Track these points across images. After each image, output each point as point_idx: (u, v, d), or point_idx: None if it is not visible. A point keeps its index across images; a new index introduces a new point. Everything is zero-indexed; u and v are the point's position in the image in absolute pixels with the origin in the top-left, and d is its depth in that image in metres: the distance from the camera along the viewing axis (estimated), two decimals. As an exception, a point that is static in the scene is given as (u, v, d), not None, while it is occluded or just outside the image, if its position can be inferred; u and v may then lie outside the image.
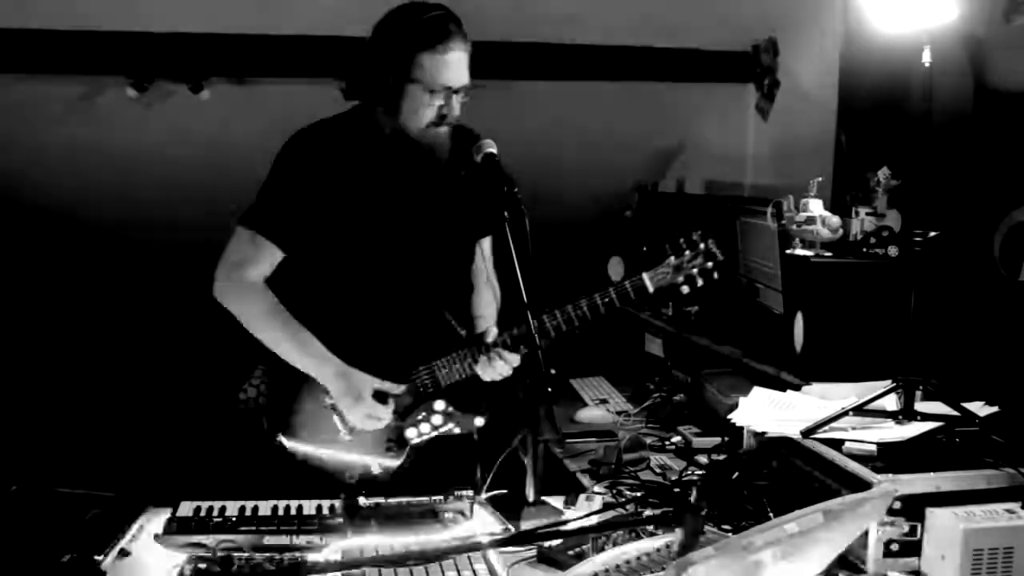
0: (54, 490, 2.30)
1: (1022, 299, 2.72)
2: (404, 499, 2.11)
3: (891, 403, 2.18)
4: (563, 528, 2.00)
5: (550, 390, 2.06)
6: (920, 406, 2.15)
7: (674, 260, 2.37)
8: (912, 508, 1.87)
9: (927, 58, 2.18)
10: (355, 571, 1.75)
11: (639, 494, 2.31)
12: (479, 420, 2.41)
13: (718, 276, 2.39)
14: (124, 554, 1.90)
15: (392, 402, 2.36)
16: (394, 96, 2.26)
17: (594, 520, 2.10)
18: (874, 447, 1.97)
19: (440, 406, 2.39)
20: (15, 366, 4.18)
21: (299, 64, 3.77)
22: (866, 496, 1.60)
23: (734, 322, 3.29)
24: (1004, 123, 2.88)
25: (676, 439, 2.81)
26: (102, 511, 2.10)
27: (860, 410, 2.14)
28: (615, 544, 1.86)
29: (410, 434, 2.39)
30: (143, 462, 3.87)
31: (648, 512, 2.20)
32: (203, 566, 1.81)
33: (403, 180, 2.37)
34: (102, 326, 4.39)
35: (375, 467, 2.37)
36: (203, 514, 2.03)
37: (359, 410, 2.32)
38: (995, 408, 2.19)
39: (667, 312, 3.72)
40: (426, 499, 2.11)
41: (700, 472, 2.50)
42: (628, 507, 2.21)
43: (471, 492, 2.14)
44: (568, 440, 2.84)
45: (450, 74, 2.23)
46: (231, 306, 2.32)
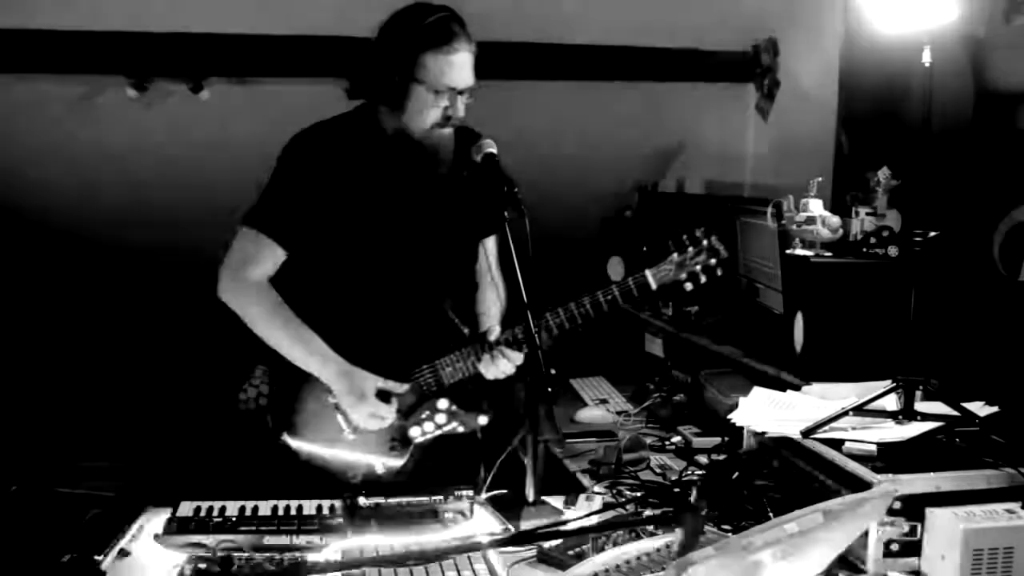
0: (54, 490, 2.31)
1: (1022, 299, 2.72)
2: (404, 499, 2.11)
3: (891, 403, 2.18)
4: (563, 528, 2.01)
5: (550, 390, 2.06)
6: (920, 406, 2.14)
7: (677, 257, 2.36)
8: (912, 508, 1.86)
9: (927, 58, 2.18)
10: (355, 571, 1.75)
11: (639, 494, 2.31)
12: (483, 418, 2.41)
13: (721, 272, 2.37)
14: (124, 554, 1.90)
15: (395, 401, 2.36)
16: (399, 96, 2.27)
17: (594, 520, 2.10)
18: (874, 447, 1.97)
19: (444, 405, 2.39)
20: (14, 365, 4.17)
21: (299, 64, 3.77)
22: (866, 496, 1.60)
23: (734, 322, 3.29)
24: (1004, 124, 2.88)
25: (676, 439, 2.81)
26: (102, 511, 2.10)
27: (860, 410, 2.14)
28: (615, 544, 1.87)
29: (414, 433, 2.39)
30: (143, 462, 3.87)
31: (648, 512, 2.20)
32: (203, 566, 1.81)
33: (405, 180, 2.37)
34: (102, 326, 4.39)
35: (379, 466, 2.37)
36: (203, 514, 2.03)
37: (362, 409, 2.32)
38: (995, 408, 2.18)
39: (667, 312, 3.72)
40: (426, 499, 2.11)
41: (700, 472, 2.50)
42: (628, 507, 2.21)
43: (471, 492, 2.14)
44: (568, 440, 2.84)
45: (455, 75, 2.24)
46: (235, 305, 2.33)
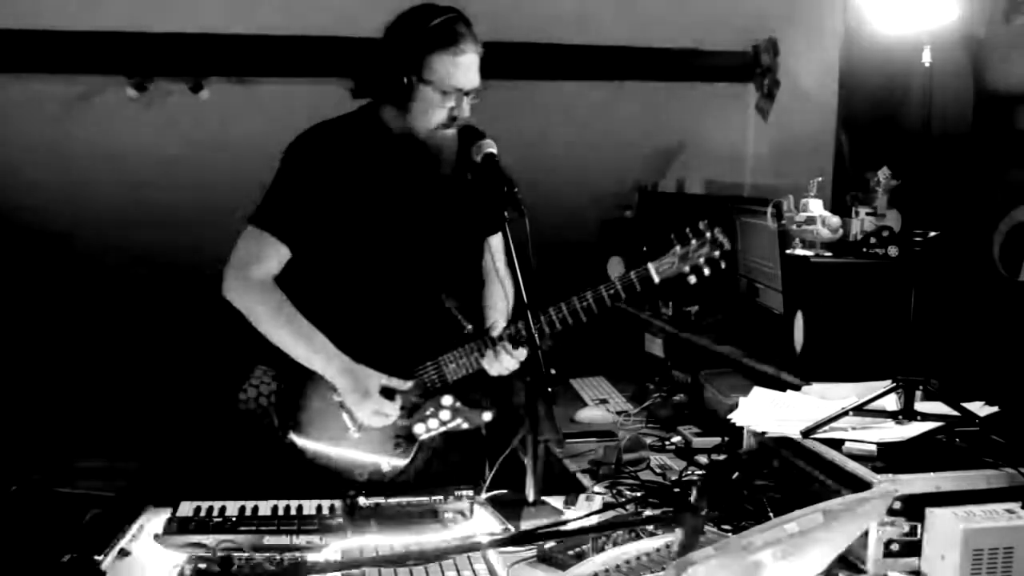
0: (54, 490, 2.31)
1: (1022, 299, 2.72)
2: (404, 499, 2.11)
3: (891, 403, 2.18)
4: (563, 528, 2.00)
5: (550, 390, 2.06)
6: (920, 406, 2.14)
7: (680, 249, 2.33)
8: (912, 508, 1.86)
9: (927, 58, 2.18)
10: (355, 571, 1.75)
11: (639, 494, 2.31)
12: (487, 415, 2.41)
13: (725, 265, 2.34)
14: (124, 554, 1.90)
15: (399, 398, 2.36)
16: (405, 96, 2.27)
17: (594, 520, 2.09)
18: (874, 447, 1.97)
19: (448, 401, 2.39)
20: (14, 365, 4.17)
21: (299, 64, 3.78)
22: (866, 496, 1.60)
23: (734, 322, 3.29)
24: (1004, 124, 2.88)
25: (676, 439, 2.80)
26: (102, 511, 2.09)
27: (860, 410, 2.14)
28: (615, 544, 1.86)
29: (418, 430, 2.39)
30: (143, 462, 3.87)
31: (648, 512, 2.20)
32: (203, 566, 1.81)
33: (409, 179, 2.38)
34: (101, 326, 4.38)
35: (385, 465, 2.37)
36: (203, 514, 2.03)
37: (367, 406, 2.32)
38: (995, 408, 2.18)
39: (667, 312, 3.72)
40: (426, 499, 2.11)
41: (700, 472, 2.49)
42: (628, 507, 2.21)
43: (471, 492, 2.14)
44: (568, 440, 2.83)
45: (462, 76, 2.24)
46: (239, 304, 2.33)
